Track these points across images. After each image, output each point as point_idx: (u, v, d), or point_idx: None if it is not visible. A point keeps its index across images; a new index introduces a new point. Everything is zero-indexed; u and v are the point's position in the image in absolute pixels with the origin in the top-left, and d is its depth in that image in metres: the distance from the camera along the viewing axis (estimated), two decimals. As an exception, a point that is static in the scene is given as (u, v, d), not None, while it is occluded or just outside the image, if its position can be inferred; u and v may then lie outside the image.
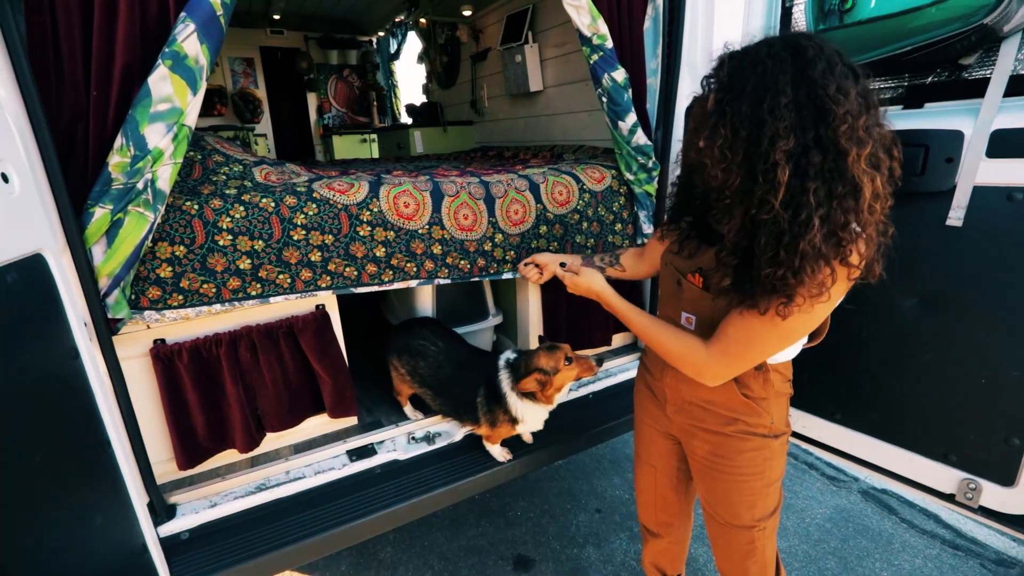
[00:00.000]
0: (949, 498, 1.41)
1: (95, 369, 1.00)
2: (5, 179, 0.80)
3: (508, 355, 1.62)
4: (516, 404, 1.55)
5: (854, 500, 2.46)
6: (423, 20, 4.74)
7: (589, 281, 1.30)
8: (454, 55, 4.69)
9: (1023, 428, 1.24)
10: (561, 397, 1.56)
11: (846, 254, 0.88)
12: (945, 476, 1.41)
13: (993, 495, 1.33)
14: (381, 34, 6.44)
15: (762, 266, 0.89)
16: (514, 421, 1.57)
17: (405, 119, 6.36)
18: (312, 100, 6.48)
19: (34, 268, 0.84)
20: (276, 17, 5.71)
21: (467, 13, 4.00)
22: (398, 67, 6.66)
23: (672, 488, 1.43)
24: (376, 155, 6.23)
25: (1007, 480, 1.30)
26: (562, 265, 1.42)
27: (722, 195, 0.96)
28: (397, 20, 5.81)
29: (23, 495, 0.68)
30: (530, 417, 1.57)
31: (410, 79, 11.74)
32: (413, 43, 6.97)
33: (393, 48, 6.26)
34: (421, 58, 5.31)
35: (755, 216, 0.89)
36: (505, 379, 1.56)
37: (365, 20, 6.16)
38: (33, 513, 0.69)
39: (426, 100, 5.55)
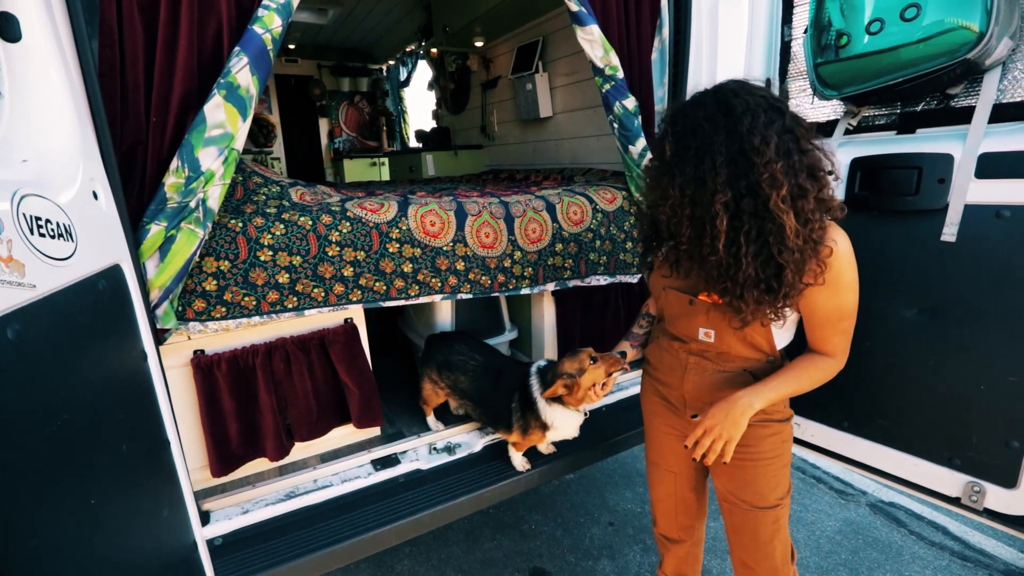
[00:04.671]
0: (955, 501, 1.47)
1: (157, 373, 1.08)
2: (95, 196, 0.90)
3: (540, 363, 1.71)
4: (546, 410, 1.62)
5: (862, 513, 2.50)
6: (434, 50, 4.93)
7: (731, 406, 1.14)
8: (464, 82, 4.88)
9: (1022, 430, 1.31)
10: (594, 402, 1.60)
11: (792, 272, 1.03)
12: (950, 480, 1.47)
13: (997, 497, 1.39)
14: (392, 62, 6.68)
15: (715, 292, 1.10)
16: (544, 427, 1.63)
17: (414, 143, 6.55)
18: (324, 125, 6.69)
19: (115, 277, 0.92)
20: (291, 47, 5.94)
21: (479, 44, 4.19)
22: (407, 93, 6.90)
23: (692, 489, 1.50)
24: (387, 178, 6.40)
25: (1009, 482, 1.36)
26: (622, 354, 1.50)
27: (680, 241, 1.13)
28: (408, 49, 6.04)
29: (118, 481, 0.75)
30: (560, 423, 1.63)
31: (419, 105, 12.08)
32: (423, 70, 7.19)
33: (403, 76, 6.50)
34: (431, 85, 5.51)
35: (706, 257, 1.07)
36: (536, 386, 1.64)
37: (377, 49, 6.40)
38: (127, 498, 0.76)
39: (436, 125, 5.73)
